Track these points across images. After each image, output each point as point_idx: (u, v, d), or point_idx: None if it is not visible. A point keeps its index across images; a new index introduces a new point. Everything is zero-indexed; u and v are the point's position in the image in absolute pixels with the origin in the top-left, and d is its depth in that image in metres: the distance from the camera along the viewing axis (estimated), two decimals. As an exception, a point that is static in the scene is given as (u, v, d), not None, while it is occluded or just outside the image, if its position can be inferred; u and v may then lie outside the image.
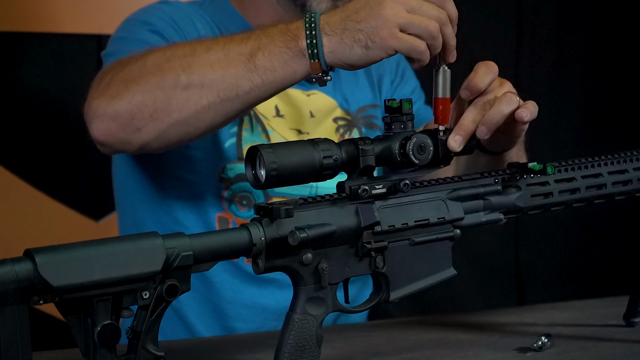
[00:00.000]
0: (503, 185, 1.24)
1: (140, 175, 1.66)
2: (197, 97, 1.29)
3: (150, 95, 1.31)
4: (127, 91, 1.32)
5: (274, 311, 1.62)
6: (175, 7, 1.66)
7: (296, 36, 1.24)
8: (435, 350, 1.36)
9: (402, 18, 1.19)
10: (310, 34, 1.22)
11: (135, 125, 1.32)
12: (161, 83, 1.30)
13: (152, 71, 1.32)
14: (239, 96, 1.28)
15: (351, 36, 1.20)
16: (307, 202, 1.10)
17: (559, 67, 2.99)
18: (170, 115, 1.31)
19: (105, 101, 1.34)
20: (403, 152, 1.14)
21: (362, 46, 1.20)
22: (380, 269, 1.14)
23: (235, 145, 1.62)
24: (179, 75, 1.30)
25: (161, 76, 1.31)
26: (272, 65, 1.26)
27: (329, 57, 1.23)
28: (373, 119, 1.78)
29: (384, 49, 1.19)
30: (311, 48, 1.22)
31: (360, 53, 1.21)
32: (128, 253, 0.98)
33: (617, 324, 1.47)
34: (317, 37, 1.22)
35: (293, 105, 1.68)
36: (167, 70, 1.31)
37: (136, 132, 1.33)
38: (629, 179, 1.33)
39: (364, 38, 1.20)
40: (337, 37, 1.21)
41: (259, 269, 1.08)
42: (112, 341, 0.97)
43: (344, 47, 1.21)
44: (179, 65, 1.30)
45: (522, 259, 3.00)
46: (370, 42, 1.19)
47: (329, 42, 1.22)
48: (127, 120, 1.32)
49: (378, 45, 1.19)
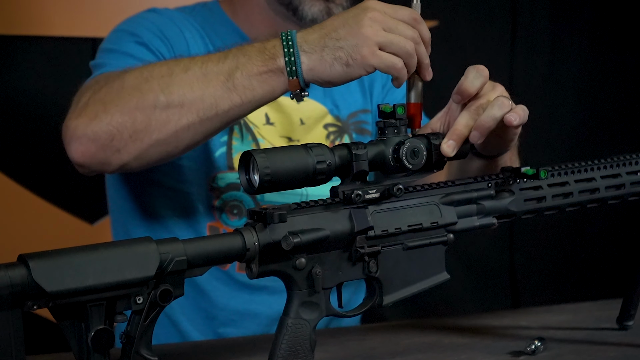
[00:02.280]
0: (496, 190, 1.24)
1: (130, 184, 1.66)
2: (177, 117, 1.30)
3: (129, 116, 1.31)
4: (105, 112, 1.32)
5: (266, 317, 1.62)
6: (164, 16, 1.66)
7: (274, 55, 1.26)
8: (429, 353, 1.36)
9: (381, 37, 1.22)
10: (288, 51, 1.24)
11: (115, 146, 1.32)
12: (140, 104, 1.30)
13: (131, 92, 1.32)
14: (219, 115, 1.29)
15: (331, 54, 1.23)
16: (301, 207, 1.10)
17: (553, 70, 3.00)
18: (150, 135, 1.31)
19: (83, 122, 1.33)
20: (396, 156, 1.14)
21: (342, 64, 1.22)
22: (374, 274, 1.14)
23: (225, 154, 1.62)
24: (157, 95, 1.30)
25: (140, 97, 1.31)
26: (250, 85, 1.27)
27: (307, 74, 1.25)
28: (364, 124, 1.78)
29: (363, 67, 1.22)
30: (290, 65, 1.24)
31: (340, 70, 1.23)
32: (122, 258, 0.98)
33: (611, 327, 1.47)
34: (296, 54, 1.24)
35: (283, 112, 1.68)
36: (146, 91, 1.31)
37: (116, 153, 1.33)
38: (622, 183, 1.34)
39: (344, 56, 1.22)
40: (317, 54, 1.23)
41: (252, 274, 1.08)
42: (105, 346, 0.97)
43: (324, 64, 1.23)
44: (157, 85, 1.30)
45: (517, 262, 3.00)
46: (351, 59, 1.22)
47: (308, 59, 1.24)
48: (106, 141, 1.32)
49: (358, 63, 1.22)
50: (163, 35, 1.60)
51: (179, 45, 1.60)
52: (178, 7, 1.73)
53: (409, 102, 1.27)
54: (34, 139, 2.33)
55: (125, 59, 1.51)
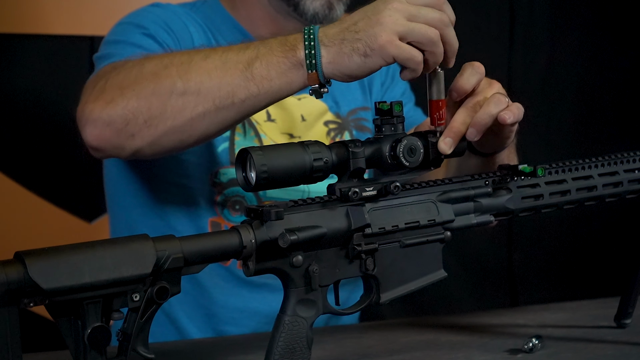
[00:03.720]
0: (493, 188, 1.24)
1: (132, 179, 1.66)
2: (193, 104, 1.28)
3: (145, 101, 1.30)
4: (122, 97, 1.31)
5: (265, 315, 1.62)
6: (168, 10, 1.66)
7: (294, 47, 1.24)
8: (426, 351, 1.36)
9: (401, 26, 1.17)
10: (309, 44, 1.22)
11: (130, 131, 1.31)
12: (157, 90, 1.30)
13: (149, 77, 1.31)
14: (235, 104, 1.28)
15: (350, 45, 1.19)
16: (298, 205, 1.10)
17: (551, 68, 3.00)
18: (165, 122, 1.30)
19: (99, 106, 1.33)
20: (393, 154, 1.14)
21: (360, 54, 1.18)
22: (371, 271, 1.14)
23: (228, 149, 1.62)
24: (175, 82, 1.29)
25: (157, 82, 1.30)
26: (269, 75, 1.25)
27: (327, 67, 1.21)
28: (364, 122, 1.78)
29: (382, 57, 1.18)
30: (309, 58, 1.22)
31: (359, 61, 1.19)
32: (118, 255, 0.98)
33: (608, 325, 1.47)
34: (316, 47, 1.21)
35: (284, 109, 1.68)
36: (164, 77, 1.30)
37: (130, 138, 1.32)
38: (619, 181, 1.34)
39: (362, 46, 1.18)
40: (336, 47, 1.20)
41: (249, 271, 1.08)
42: (102, 343, 0.97)
43: (343, 56, 1.20)
44: (175, 72, 1.30)
45: (515, 260, 3.00)
46: (369, 49, 1.18)
47: (327, 53, 1.21)
48: (121, 126, 1.31)
49: (377, 53, 1.18)
50: (169, 28, 1.60)
51: (184, 39, 1.60)
52: (179, 4, 1.74)
53: (431, 99, 1.23)
54: (32, 137, 2.33)
55: (133, 49, 1.50)
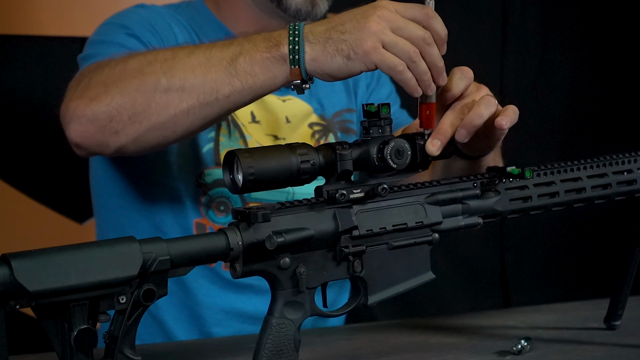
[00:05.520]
0: (482, 190, 1.24)
1: (118, 180, 1.66)
2: (177, 100, 1.29)
3: (129, 98, 1.30)
4: (106, 93, 1.32)
5: (251, 316, 1.63)
6: (153, 11, 1.66)
7: (278, 42, 1.24)
8: (416, 353, 1.36)
9: (386, 35, 1.18)
10: (293, 40, 1.22)
11: (114, 127, 1.32)
12: (141, 86, 1.30)
13: (133, 74, 1.32)
14: (219, 100, 1.28)
15: (334, 45, 1.20)
16: (285, 207, 1.09)
17: (544, 70, 3.00)
18: (149, 118, 1.30)
19: (83, 103, 1.34)
20: (381, 156, 1.14)
21: (344, 56, 1.19)
22: (359, 273, 1.14)
23: (212, 150, 1.62)
24: (159, 78, 1.29)
25: (141, 79, 1.30)
26: (252, 70, 1.26)
27: (310, 64, 1.22)
28: (349, 124, 1.78)
29: (364, 62, 1.19)
30: (293, 54, 1.22)
31: (341, 63, 1.20)
32: (105, 258, 0.98)
33: (598, 327, 1.48)
34: (300, 43, 1.22)
35: (269, 111, 1.68)
36: (148, 74, 1.30)
37: (114, 135, 1.33)
38: (608, 183, 1.33)
39: (346, 48, 1.19)
40: (320, 45, 1.21)
41: (236, 274, 1.07)
42: (88, 346, 0.97)
43: (326, 55, 1.20)
44: (159, 68, 1.30)
45: (507, 261, 3.01)
46: (353, 52, 1.19)
47: (311, 49, 1.22)
48: (105, 122, 1.32)
49: (360, 57, 1.18)
50: (153, 29, 1.60)
51: (168, 39, 1.60)
52: (164, 5, 1.74)
53: (422, 103, 1.23)
54: (22, 138, 2.33)
55: (117, 49, 1.50)
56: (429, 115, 1.22)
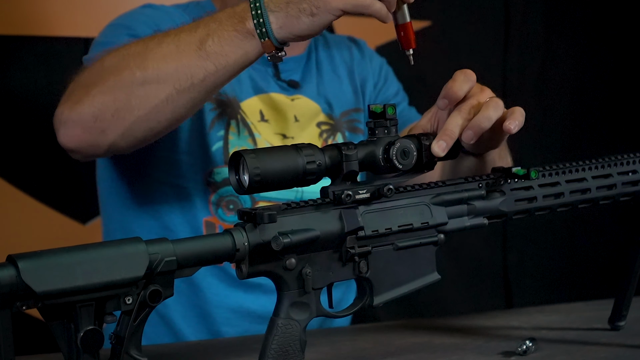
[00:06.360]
0: (487, 190, 1.24)
1: (126, 180, 1.66)
2: (155, 91, 1.30)
3: (110, 95, 1.32)
4: (87, 95, 1.33)
5: (259, 315, 1.63)
6: (160, 11, 1.66)
7: (243, 18, 1.25)
8: (420, 354, 1.36)
9: None
10: (256, 13, 1.23)
11: (99, 127, 1.33)
12: (118, 82, 1.31)
13: (110, 71, 1.33)
14: (195, 85, 1.29)
15: (295, 7, 1.22)
16: (291, 208, 1.09)
17: (546, 72, 3.00)
18: (132, 112, 1.31)
19: (68, 107, 1.36)
20: (387, 157, 1.14)
21: (308, 14, 1.21)
22: (364, 274, 1.14)
23: (222, 149, 1.62)
24: (134, 72, 1.30)
25: (118, 75, 1.32)
26: (223, 50, 1.27)
27: (278, 32, 1.23)
28: (356, 123, 1.78)
29: (329, 12, 1.21)
30: (259, 27, 1.24)
31: (307, 22, 1.22)
32: (111, 258, 0.98)
33: (602, 327, 1.48)
34: (264, 15, 1.23)
35: (277, 110, 1.68)
36: (123, 69, 1.32)
37: (101, 134, 1.34)
38: (613, 184, 1.34)
39: (307, 6, 1.21)
40: (283, 11, 1.22)
41: (242, 274, 1.07)
42: (95, 346, 0.97)
43: (291, 19, 1.22)
44: (133, 62, 1.31)
45: (510, 262, 3.01)
46: (315, 8, 1.21)
47: (276, 18, 1.23)
48: (90, 123, 1.33)
49: (323, 10, 1.20)
50: (158, 29, 1.59)
51: None
52: (172, 5, 1.74)
53: (397, 24, 1.26)
54: (26, 139, 2.33)
55: None
56: (405, 36, 1.26)
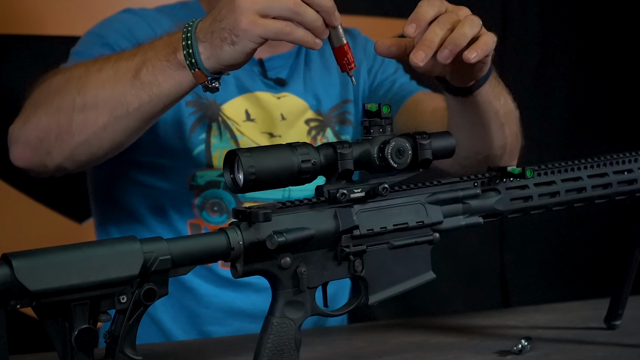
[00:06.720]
0: (482, 189, 1.24)
1: (110, 184, 1.66)
2: (93, 118, 1.30)
3: (53, 118, 1.32)
4: (34, 115, 1.34)
5: (249, 314, 1.63)
6: (138, 16, 1.65)
7: (176, 48, 1.23)
8: (416, 353, 1.36)
9: (258, 4, 1.16)
10: (186, 44, 1.21)
11: (45, 148, 1.34)
12: (61, 106, 1.31)
13: (54, 93, 1.33)
14: (130, 113, 1.28)
15: (218, 37, 1.19)
16: (286, 206, 1.09)
17: (543, 69, 3.00)
18: (72, 137, 1.32)
19: (17, 127, 1.37)
20: (382, 156, 1.13)
21: (229, 43, 1.18)
22: (359, 273, 1.14)
23: (204, 152, 1.61)
24: (74, 97, 1.30)
25: (60, 98, 1.32)
26: (156, 80, 1.25)
27: (207, 63, 1.21)
28: (346, 115, 1.76)
29: (249, 39, 1.17)
30: (189, 58, 1.21)
31: (230, 51, 1.19)
32: (105, 257, 0.98)
33: (599, 326, 1.48)
34: (193, 46, 1.21)
35: (263, 108, 1.68)
36: (65, 92, 1.31)
37: (47, 156, 1.35)
38: (608, 183, 1.34)
39: (228, 35, 1.18)
40: (208, 41, 1.20)
41: (237, 273, 1.07)
42: (89, 345, 0.97)
43: (215, 49, 1.19)
44: (74, 86, 1.31)
45: (507, 261, 3.01)
46: (234, 36, 1.17)
47: (204, 49, 1.20)
48: (37, 144, 1.34)
49: (242, 38, 1.17)
50: (131, 36, 1.58)
51: None
52: (157, 7, 1.72)
53: (334, 48, 1.22)
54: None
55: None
56: (348, 57, 1.21)
